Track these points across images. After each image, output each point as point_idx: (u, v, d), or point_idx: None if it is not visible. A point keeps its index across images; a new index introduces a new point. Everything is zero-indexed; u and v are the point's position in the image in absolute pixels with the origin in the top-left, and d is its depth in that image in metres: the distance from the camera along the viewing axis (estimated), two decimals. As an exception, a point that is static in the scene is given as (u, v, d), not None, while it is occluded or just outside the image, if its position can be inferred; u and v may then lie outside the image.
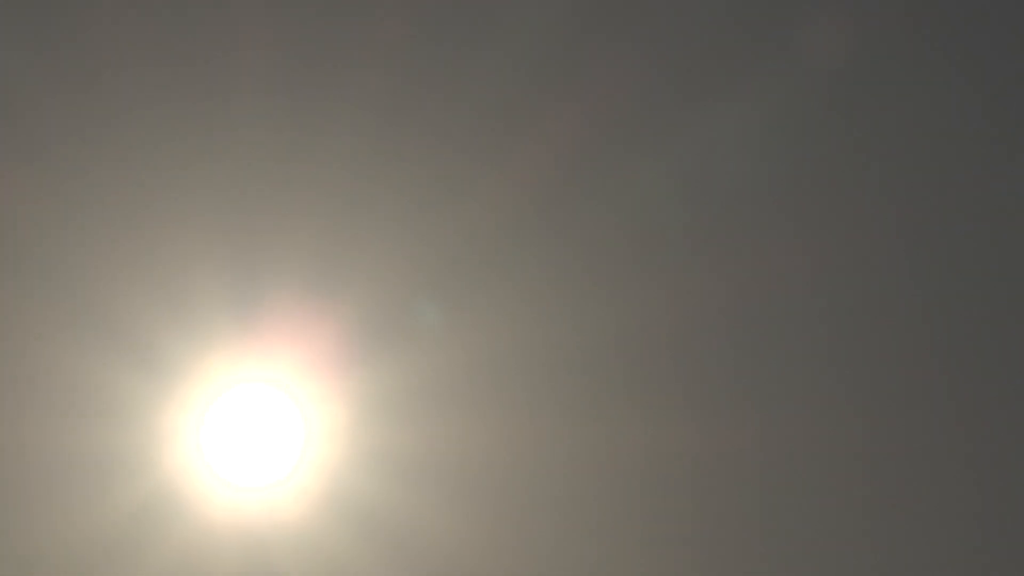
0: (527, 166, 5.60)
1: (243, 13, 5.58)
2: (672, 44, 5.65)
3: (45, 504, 5.46)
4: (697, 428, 5.52)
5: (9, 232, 5.55)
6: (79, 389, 5.49)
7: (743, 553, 5.48)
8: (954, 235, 5.63)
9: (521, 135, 5.60)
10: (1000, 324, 5.57)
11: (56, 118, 5.57)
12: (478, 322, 5.54)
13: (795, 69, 5.66)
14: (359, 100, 5.60)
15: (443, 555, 5.46)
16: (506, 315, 5.55)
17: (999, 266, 5.57)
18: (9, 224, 5.55)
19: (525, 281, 5.58)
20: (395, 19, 5.61)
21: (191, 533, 5.47)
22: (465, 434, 5.50)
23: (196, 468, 5.51)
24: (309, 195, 5.57)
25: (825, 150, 5.68)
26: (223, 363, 5.51)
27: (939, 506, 5.50)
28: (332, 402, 5.51)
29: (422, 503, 5.48)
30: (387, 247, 5.55)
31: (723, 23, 5.68)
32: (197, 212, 5.56)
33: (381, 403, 5.52)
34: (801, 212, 5.64)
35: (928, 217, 5.64)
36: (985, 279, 5.60)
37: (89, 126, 5.58)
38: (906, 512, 5.52)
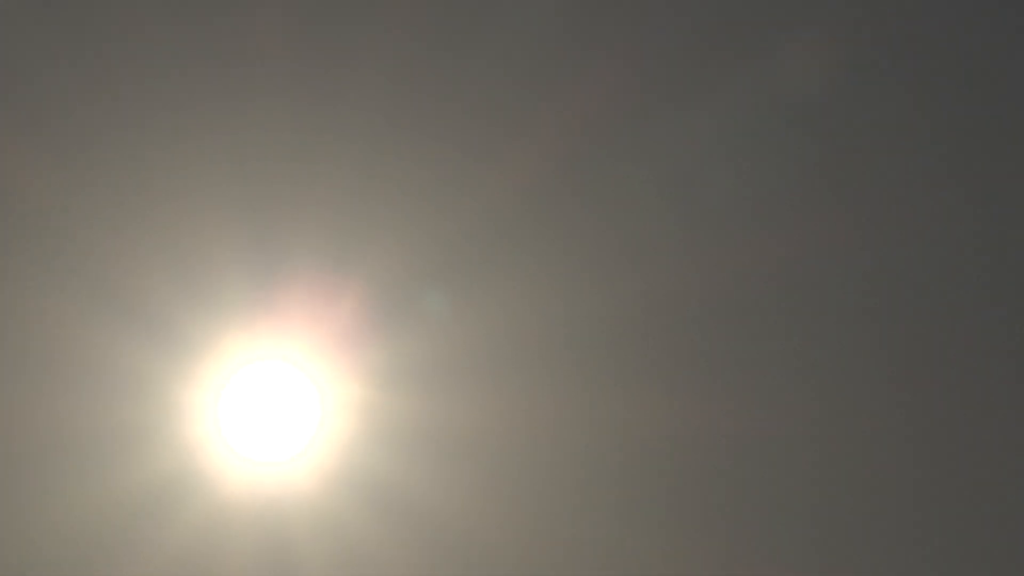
0: (542, 141, 5.69)
1: (264, 7, 5.67)
2: (667, 40, 5.75)
3: (65, 478, 5.54)
4: (711, 406, 5.62)
5: (28, 211, 5.63)
6: (99, 366, 5.58)
7: (760, 531, 5.58)
8: (946, 227, 5.73)
9: (537, 113, 5.70)
10: (988, 310, 5.67)
11: (76, 96, 5.65)
12: (493, 299, 5.63)
13: (786, 68, 5.76)
14: (374, 86, 5.69)
15: (457, 528, 5.56)
16: (521, 291, 5.64)
17: (989, 259, 5.68)
18: (29, 203, 5.62)
19: (540, 258, 5.67)
20: (404, 18, 5.71)
21: (208, 506, 5.56)
22: (479, 410, 5.59)
23: (213, 443, 5.60)
24: (325, 174, 5.66)
25: (816, 143, 5.78)
26: (240, 340, 5.60)
27: (937, 487, 5.61)
28: (347, 378, 5.61)
29: (436, 477, 5.57)
30: (402, 225, 5.64)
31: (717, 21, 5.77)
32: (215, 192, 5.64)
33: (396, 379, 5.61)
34: (798, 200, 5.74)
35: (919, 206, 5.75)
36: (971, 271, 5.71)
37: (109, 105, 5.66)
38: (914, 498, 5.63)
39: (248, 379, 5.61)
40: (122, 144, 5.66)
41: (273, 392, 5.61)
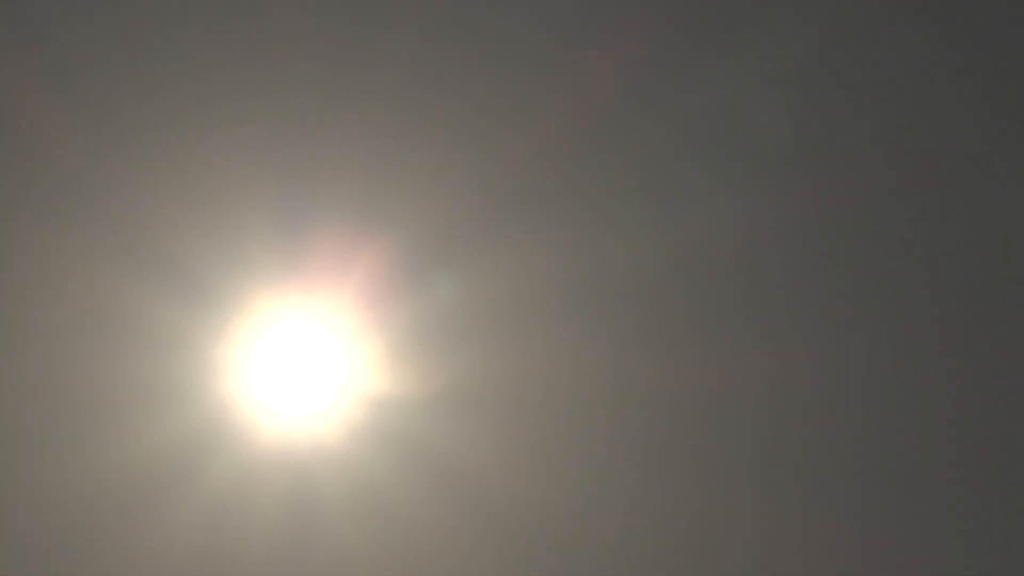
0: (571, 95, 5.77)
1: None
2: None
3: (98, 433, 5.67)
4: (748, 360, 5.72)
5: (63, 172, 5.72)
6: (132, 324, 5.69)
7: (785, 486, 5.70)
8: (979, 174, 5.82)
9: (566, 65, 5.77)
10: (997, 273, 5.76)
11: (110, 60, 5.72)
12: (519, 254, 5.73)
13: (805, 19, 5.82)
14: (401, 46, 5.76)
15: (482, 482, 5.69)
16: (548, 247, 5.74)
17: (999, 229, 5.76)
18: (64, 165, 5.71)
19: (571, 212, 5.76)
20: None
21: (238, 460, 5.69)
22: (505, 365, 5.71)
23: (244, 398, 5.73)
24: (354, 133, 5.74)
25: (839, 94, 5.85)
26: (270, 298, 5.72)
27: (959, 443, 5.74)
28: (375, 333, 5.73)
29: (462, 431, 5.70)
30: (429, 182, 5.73)
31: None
32: (246, 152, 5.73)
33: (422, 335, 5.73)
34: (822, 153, 5.82)
35: (936, 170, 5.83)
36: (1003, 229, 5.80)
37: (144, 67, 5.73)
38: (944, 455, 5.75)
39: (277, 335, 5.74)
40: (155, 106, 5.74)
41: (302, 348, 5.74)
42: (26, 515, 5.62)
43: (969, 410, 5.74)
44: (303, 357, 5.74)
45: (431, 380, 5.71)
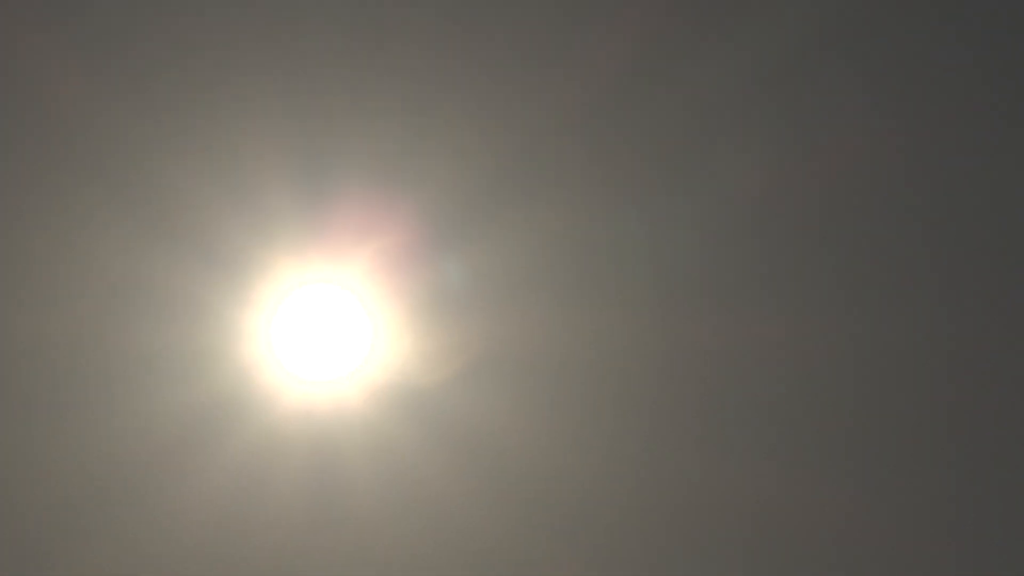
0: (589, 66, 5.80)
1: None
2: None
3: (122, 398, 5.71)
4: (772, 324, 5.76)
5: (90, 140, 5.74)
6: (156, 289, 5.72)
7: (805, 452, 5.75)
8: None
9: (584, 36, 5.80)
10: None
11: (136, 28, 5.74)
12: (543, 219, 5.77)
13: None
14: (425, 9, 5.79)
15: (505, 446, 5.74)
16: (572, 212, 5.78)
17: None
18: (90, 132, 5.74)
19: (598, 174, 5.79)
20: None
21: (262, 425, 5.73)
22: (528, 329, 5.75)
23: (267, 363, 5.77)
24: (377, 98, 5.77)
25: (854, 65, 5.87)
26: (293, 261, 5.75)
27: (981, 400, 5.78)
28: (399, 298, 5.77)
29: (485, 396, 5.75)
30: (456, 143, 5.76)
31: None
32: (269, 117, 5.76)
33: (445, 300, 5.77)
34: (835, 128, 5.84)
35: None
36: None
37: (170, 36, 5.75)
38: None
39: (301, 301, 5.77)
40: (180, 76, 5.76)
41: (325, 313, 5.78)
42: (49, 480, 5.65)
43: (984, 375, 5.77)
44: (326, 322, 5.78)
45: (453, 347, 5.75)
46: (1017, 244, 5.82)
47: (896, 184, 5.85)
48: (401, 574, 5.68)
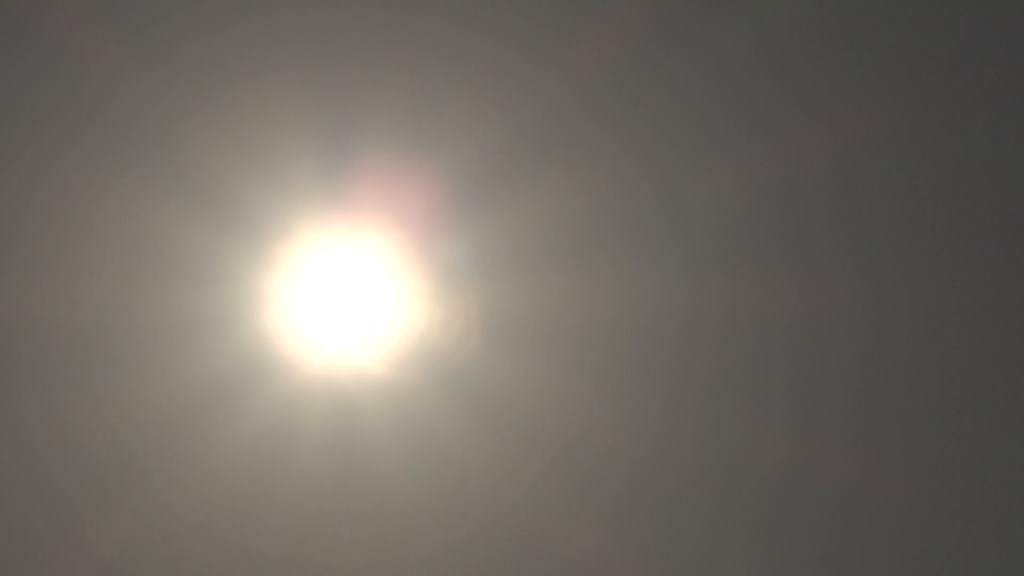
0: (610, 31, 5.80)
1: None
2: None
3: (144, 364, 5.69)
4: (789, 289, 5.75)
5: (107, 101, 5.75)
6: (176, 253, 5.71)
7: (824, 413, 5.72)
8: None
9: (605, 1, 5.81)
10: None
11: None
12: (567, 185, 5.76)
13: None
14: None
15: (528, 413, 5.71)
16: (598, 176, 5.77)
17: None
18: (115, 99, 5.74)
19: (625, 139, 5.79)
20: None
21: (283, 391, 5.71)
22: (551, 295, 5.73)
23: (288, 329, 5.75)
24: (401, 62, 5.78)
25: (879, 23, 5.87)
26: (315, 226, 5.74)
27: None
28: (422, 263, 5.75)
29: (507, 362, 5.72)
30: (480, 106, 5.76)
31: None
32: (291, 81, 5.76)
33: (470, 265, 5.75)
34: (863, 89, 5.84)
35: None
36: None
37: (194, 5, 5.78)
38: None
39: (323, 266, 5.76)
40: (206, 42, 5.76)
41: (347, 279, 5.76)
42: (71, 446, 5.63)
43: (1003, 339, 5.75)
44: (349, 287, 5.76)
45: (475, 313, 5.73)
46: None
47: (921, 154, 5.84)
48: (422, 539, 5.65)
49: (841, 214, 5.82)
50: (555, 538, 5.65)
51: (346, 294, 5.77)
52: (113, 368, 5.67)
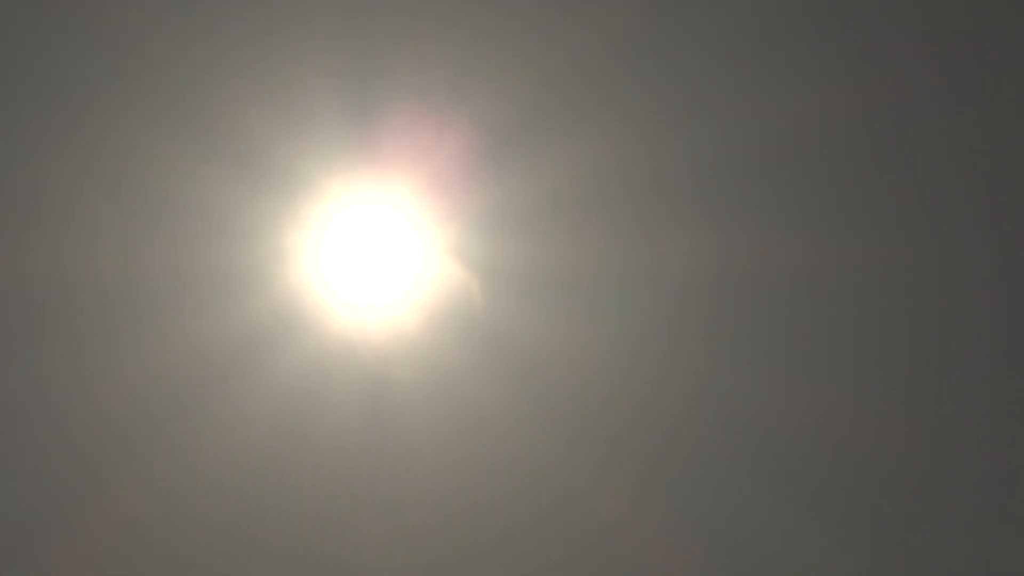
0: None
1: None
2: None
3: (170, 320, 5.61)
4: (810, 243, 5.66)
5: (133, 56, 5.67)
6: (203, 209, 5.63)
7: (853, 370, 5.63)
8: None
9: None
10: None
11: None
12: (600, 137, 5.67)
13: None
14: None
15: (558, 368, 5.62)
16: (628, 129, 5.67)
17: None
18: (143, 55, 5.66)
19: (655, 92, 5.69)
20: None
21: (310, 349, 5.62)
22: (580, 250, 5.64)
23: (315, 286, 5.66)
24: (427, 16, 5.68)
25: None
26: (343, 181, 5.65)
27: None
28: (449, 221, 5.66)
29: (537, 319, 5.63)
30: (510, 59, 5.66)
31: None
32: (319, 35, 5.67)
33: (497, 221, 5.66)
34: (888, 48, 5.74)
35: None
36: None
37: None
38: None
39: (351, 222, 5.66)
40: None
41: (375, 235, 5.67)
42: (99, 402, 5.56)
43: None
44: (377, 244, 5.67)
45: (505, 268, 5.64)
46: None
47: (951, 103, 5.74)
48: (452, 497, 5.56)
49: (877, 166, 5.72)
50: (588, 497, 5.56)
51: (374, 250, 5.67)
52: (139, 324, 5.59)
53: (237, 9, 5.69)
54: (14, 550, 5.47)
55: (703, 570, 5.52)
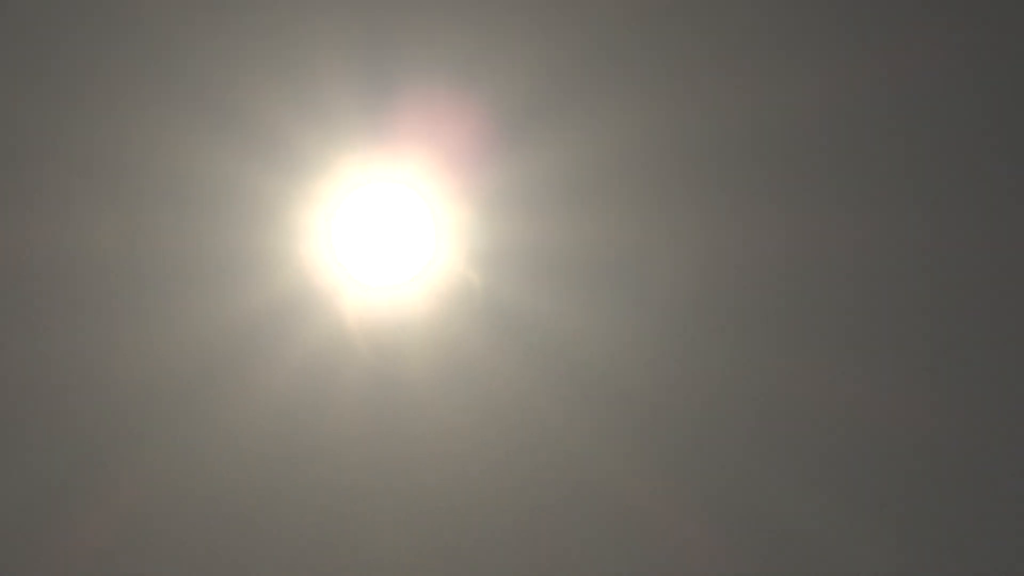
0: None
1: None
2: None
3: (182, 299, 5.58)
4: (832, 225, 5.62)
5: (147, 35, 5.64)
6: (216, 188, 5.60)
7: (906, 354, 5.59)
8: None
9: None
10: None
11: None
12: (614, 117, 5.62)
13: None
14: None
15: (571, 349, 5.58)
16: (643, 109, 5.63)
17: None
18: (159, 37, 5.63)
19: (674, 69, 5.65)
20: None
21: (323, 328, 5.59)
22: (593, 231, 5.60)
23: (328, 266, 5.62)
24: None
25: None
26: (356, 161, 5.61)
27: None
28: (464, 199, 5.61)
29: (550, 298, 5.59)
30: (521, 40, 5.62)
31: None
32: (333, 15, 5.63)
33: (511, 201, 5.61)
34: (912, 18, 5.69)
35: None
36: None
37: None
38: None
39: (364, 201, 5.62)
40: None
41: (389, 214, 5.62)
42: (110, 382, 5.54)
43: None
44: (390, 223, 5.63)
45: (519, 249, 5.59)
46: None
47: (973, 87, 5.69)
48: (465, 480, 5.53)
49: (899, 147, 5.67)
50: (612, 482, 5.52)
51: (387, 229, 5.63)
52: (152, 304, 5.57)
53: (250, -13, 5.66)
54: (17, 539, 5.46)
55: (729, 554, 5.48)
